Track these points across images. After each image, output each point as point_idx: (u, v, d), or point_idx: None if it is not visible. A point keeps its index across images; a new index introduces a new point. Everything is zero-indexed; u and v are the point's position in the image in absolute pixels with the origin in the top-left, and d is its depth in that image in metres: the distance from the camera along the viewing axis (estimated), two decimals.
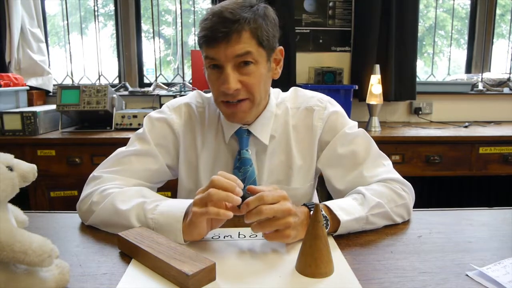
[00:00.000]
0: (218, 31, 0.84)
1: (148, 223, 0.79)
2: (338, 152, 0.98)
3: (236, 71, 0.88)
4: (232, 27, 0.84)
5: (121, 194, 0.85)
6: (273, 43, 0.93)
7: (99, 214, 0.84)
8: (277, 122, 1.02)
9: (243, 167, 0.98)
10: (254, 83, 0.90)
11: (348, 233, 0.83)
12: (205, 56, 0.90)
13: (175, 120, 1.02)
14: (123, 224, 0.80)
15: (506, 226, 0.88)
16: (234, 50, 0.86)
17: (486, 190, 2.63)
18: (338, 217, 0.80)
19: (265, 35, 0.89)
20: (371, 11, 2.37)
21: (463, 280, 0.64)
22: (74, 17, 2.72)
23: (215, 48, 0.86)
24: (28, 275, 0.56)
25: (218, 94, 0.92)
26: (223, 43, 0.85)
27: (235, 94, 0.89)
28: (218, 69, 0.89)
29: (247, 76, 0.89)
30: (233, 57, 0.86)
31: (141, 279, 0.65)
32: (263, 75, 0.92)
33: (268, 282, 0.63)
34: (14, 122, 1.96)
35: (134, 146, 0.99)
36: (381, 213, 0.85)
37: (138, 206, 0.81)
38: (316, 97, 1.05)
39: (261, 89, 0.93)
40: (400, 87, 2.46)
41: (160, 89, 2.59)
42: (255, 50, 0.88)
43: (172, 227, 0.76)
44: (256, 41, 0.88)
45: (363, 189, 0.88)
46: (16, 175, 0.56)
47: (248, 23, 0.86)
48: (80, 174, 1.92)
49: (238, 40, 0.85)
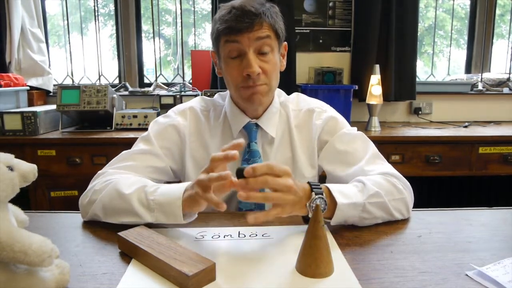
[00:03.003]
0: (243, 22, 0.91)
1: (149, 204, 0.81)
2: (337, 148, 1.02)
3: (256, 58, 0.95)
4: (255, 18, 0.92)
5: (123, 179, 0.88)
6: (283, 37, 1.02)
7: (101, 200, 0.85)
8: (281, 119, 1.08)
9: (252, 159, 1.02)
10: (271, 70, 0.97)
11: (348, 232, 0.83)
12: (225, 41, 0.95)
13: (181, 123, 1.06)
14: (125, 207, 0.82)
15: (506, 226, 0.88)
16: (257, 33, 0.93)
17: (486, 190, 2.63)
18: (336, 199, 0.81)
19: (279, 27, 0.98)
20: (371, 11, 2.38)
21: (462, 280, 0.64)
22: (74, 17, 2.72)
23: (239, 35, 0.93)
24: (28, 275, 0.56)
25: (239, 81, 0.97)
26: (246, 32, 0.92)
27: (256, 79, 0.96)
28: (239, 58, 0.95)
29: (266, 63, 0.96)
30: (255, 39, 0.93)
31: (141, 279, 0.65)
32: (277, 63, 1.00)
33: (268, 282, 0.63)
34: (14, 122, 1.96)
35: (139, 147, 1.02)
36: (379, 203, 0.85)
37: (139, 190, 0.83)
38: (317, 102, 1.13)
39: (275, 76, 1.01)
40: (400, 87, 2.46)
41: (160, 89, 2.59)
42: (273, 37, 0.97)
43: (171, 205, 0.78)
44: (274, 32, 0.97)
45: (363, 178, 0.90)
46: (16, 175, 0.56)
47: (267, 17, 0.94)
48: (80, 174, 1.93)
49: (260, 28, 0.93)
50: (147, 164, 0.99)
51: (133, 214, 0.82)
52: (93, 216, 0.88)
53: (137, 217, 0.81)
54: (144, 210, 0.81)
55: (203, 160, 1.04)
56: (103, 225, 0.86)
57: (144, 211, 0.81)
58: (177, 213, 0.78)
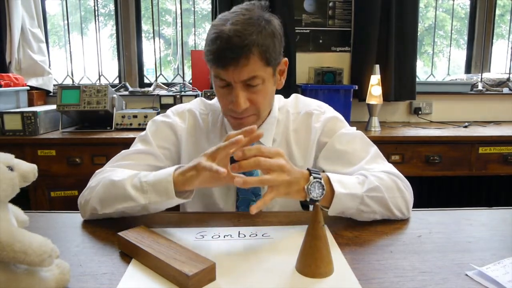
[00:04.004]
0: (227, 58, 0.86)
1: (142, 186, 0.82)
2: (337, 148, 1.01)
3: (245, 90, 0.91)
4: (241, 52, 0.85)
5: (117, 171, 0.90)
6: (279, 58, 0.95)
7: (97, 192, 0.86)
8: (279, 126, 1.06)
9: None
10: (261, 101, 0.94)
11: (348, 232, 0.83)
12: (214, 75, 0.93)
13: (179, 124, 1.05)
14: (119, 193, 0.83)
15: (506, 226, 0.88)
16: (243, 74, 0.88)
17: (486, 190, 2.63)
18: (334, 188, 0.81)
19: (272, 54, 0.90)
20: (371, 11, 2.38)
21: (462, 280, 0.64)
22: (74, 17, 2.72)
23: (224, 69, 0.89)
24: (28, 275, 0.56)
25: (226, 108, 0.96)
26: (231, 66, 0.87)
27: (244, 112, 0.94)
28: (228, 87, 0.92)
29: (255, 94, 0.93)
30: (241, 79, 0.89)
31: (141, 279, 0.65)
32: (269, 91, 0.96)
33: (268, 282, 0.63)
34: (14, 122, 1.96)
35: (137, 147, 1.02)
36: (378, 198, 0.85)
37: (132, 175, 0.85)
38: (316, 103, 1.10)
39: (267, 104, 0.99)
40: (400, 87, 2.46)
41: (160, 89, 2.59)
42: (263, 71, 0.91)
43: (162, 181, 0.79)
44: (264, 62, 0.89)
45: (366, 172, 0.90)
46: (16, 175, 0.56)
47: (256, 46, 0.86)
48: (80, 174, 1.93)
49: (246, 63, 0.87)
50: (145, 163, 0.99)
51: (127, 198, 0.82)
52: (91, 211, 0.88)
53: (131, 201, 0.82)
54: (137, 193, 0.82)
55: None
56: (103, 225, 0.86)
57: (137, 193, 0.82)
58: (169, 188, 0.78)
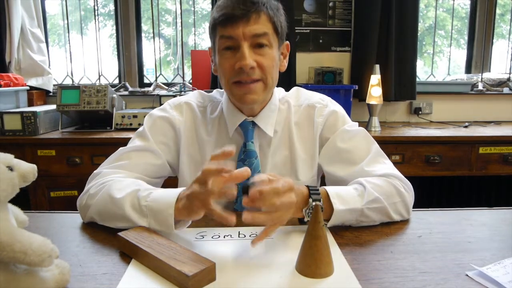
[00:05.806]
0: (238, 9, 0.87)
1: (142, 210, 0.78)
2: (338, 146, 1.00)
3: (252, 51, 0.90)
4: (252, 7, 0.88)
5: (117, 183, 0.86)
6: (284, 34, 0.97)
7: (96, 205, 0.84)
8: (280, 116, 1.04)
9: (248, 159, 0.99)
10: (268, 64, 0.92)
11: (348, 232, 0.83)
12: (220, 36, 0.91)
13: (177, 117, 1.03)
14: (118, 213, 0.80)
15: (506, 226, 0.88)
16: (253, 29, 0.88)
17: (486, 190, 2.63)
18: (333, 205, 0.80)
19: (279, 23, 0.93)
20: (371, 11, 2.38)
21: (463, 280, 0.64)
22: (74, 16, 2.72)
23: (233, 26, 0.88)
24: (28, 275, 0.56)
25: (232, 74, 0.92)
26: (242, 22, 0.88)
27: (250, 73, 0.90)
28: (233, 50, 0.91)
29: (262, 57, 0.91)
30: (250, 36, 0.89)
31: (141, 279, 0.65)
32: (275, 59, 0.95)
33: (268, 282, 0.63)
34: (14, 122, 1.96)
35: (134, 143, 1.00)
36: (378, 208, 0.85)
37: (132, 194, 0.81)
38: (318, 96, 1.08)
39: (273, 73, 0.95)
40: (400, 87, 2.46)
41: (160, 89, 2.59)
42: (271, 34, 0.92)
43: (163, 213, 0.76)
44: (272, 26, 0.91)
45: (364, 181, 0.88)
46: (16, 175, 0.56)
47: (265, 7, 0.90)
48: (80, 174, 1.93)
49: (257, 20, 0.88)
50: (144, 161, 0.97)
51: (126, 219, 0.79)
52: (90, 219, 0.87)
53: (131, 223, 0.79)
54: (137, 216, 0.79)
55: (198, 156, 1.03)
56: (103, 225, 0.86)
57: (137, 216, 0.79)
58: (169, 222, 0.75)
